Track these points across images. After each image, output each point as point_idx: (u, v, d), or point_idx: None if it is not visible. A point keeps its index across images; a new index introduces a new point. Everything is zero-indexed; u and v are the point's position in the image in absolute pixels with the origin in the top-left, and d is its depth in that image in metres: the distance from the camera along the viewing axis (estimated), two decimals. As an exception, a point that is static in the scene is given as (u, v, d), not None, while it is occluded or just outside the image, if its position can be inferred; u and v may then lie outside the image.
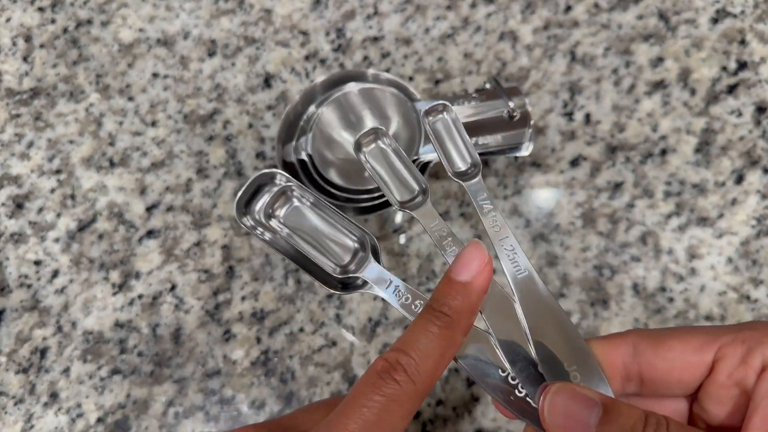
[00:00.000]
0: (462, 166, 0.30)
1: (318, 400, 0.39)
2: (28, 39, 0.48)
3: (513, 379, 0.26)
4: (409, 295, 0.27)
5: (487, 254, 0.26)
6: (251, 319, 0.41)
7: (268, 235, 0.28)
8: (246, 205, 0.28)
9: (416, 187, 0.29)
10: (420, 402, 0.25)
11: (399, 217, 0.40)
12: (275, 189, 0.28)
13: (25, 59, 0.47)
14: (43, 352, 0.41)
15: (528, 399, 0.26)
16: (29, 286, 0.42)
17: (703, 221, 0.40)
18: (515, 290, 0.27)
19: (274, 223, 0.28)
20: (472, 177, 0.29)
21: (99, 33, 0.47)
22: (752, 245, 0.40)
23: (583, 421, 0.23)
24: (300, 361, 0.40)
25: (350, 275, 0.28)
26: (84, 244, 0.43)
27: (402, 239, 0.42)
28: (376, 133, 0.30)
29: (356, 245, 0.28)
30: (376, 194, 0.37)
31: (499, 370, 0.26)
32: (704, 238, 0.40)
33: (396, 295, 0.27)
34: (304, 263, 0.28)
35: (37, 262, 0.43)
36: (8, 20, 0.48)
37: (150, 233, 0.43)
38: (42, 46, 0.47)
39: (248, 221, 0.28)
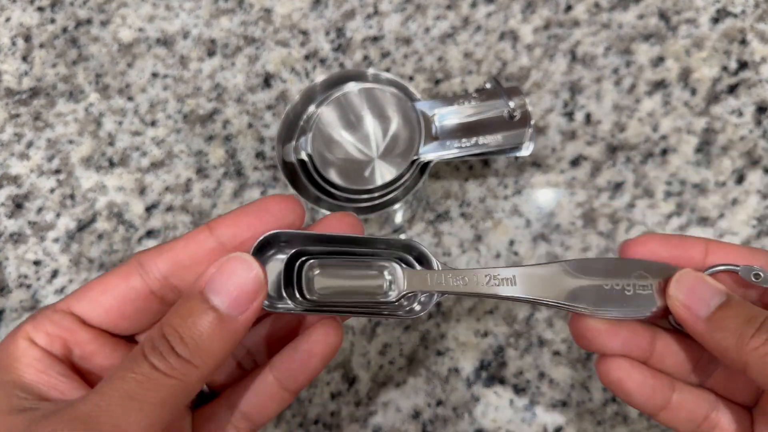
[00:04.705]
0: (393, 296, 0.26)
1: (317, 400, 0.39)
2: (27, 39, 0.48)
3: None
4: (460, 278, 0.26)
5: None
6: (251, 320, 0.40)
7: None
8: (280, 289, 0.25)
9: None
10: None
11: (399, 217, 0.40)
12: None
13: (24, 59, 0.47)
14: (42, 353, 0.41)
15: None
16: (29, 286, 0.42)
17: (703, 221, 0.40)
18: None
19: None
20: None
21: (98, 33, 0.47)
22: (753, 245, 0.40)
23: (704, 299, 0.24)
24: (300, 362, 0.40)
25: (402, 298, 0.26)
26: (83, 244, 0.43)
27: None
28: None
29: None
30: (376, 194, 0.37)
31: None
32: (705, 238, 0.40)
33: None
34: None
35: (37, 262, 0.43)
36: (7, 20, 0.48)
37: (149, 233, 0.43)
38: (41, 45, 0.47)
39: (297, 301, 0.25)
